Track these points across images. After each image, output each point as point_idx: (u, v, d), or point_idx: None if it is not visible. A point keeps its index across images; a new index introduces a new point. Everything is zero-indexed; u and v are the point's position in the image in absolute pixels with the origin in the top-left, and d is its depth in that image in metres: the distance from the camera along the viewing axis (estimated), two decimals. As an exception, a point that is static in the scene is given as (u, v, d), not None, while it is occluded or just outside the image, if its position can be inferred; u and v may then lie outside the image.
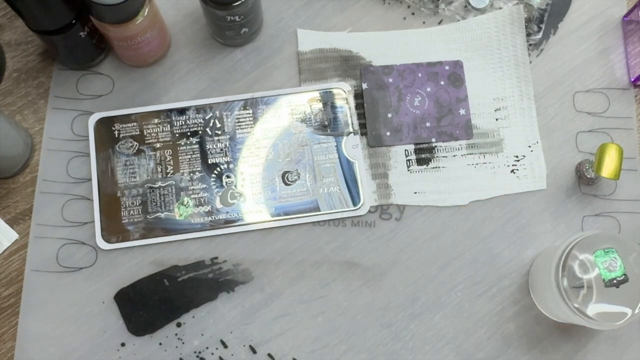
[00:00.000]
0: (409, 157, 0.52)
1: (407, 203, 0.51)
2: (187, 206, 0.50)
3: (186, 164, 0.51)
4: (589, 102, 0.53)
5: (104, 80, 0.53)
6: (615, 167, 0.48)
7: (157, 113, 0.51)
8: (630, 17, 0.54)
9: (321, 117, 0.52)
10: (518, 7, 0.54)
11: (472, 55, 0.54)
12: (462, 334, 0.49)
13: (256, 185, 0.50)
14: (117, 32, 0.47)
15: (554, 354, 0.49)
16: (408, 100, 0.52)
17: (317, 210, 0.50)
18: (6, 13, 0.54)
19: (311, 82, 0.53)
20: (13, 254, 0.49)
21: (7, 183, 0.51)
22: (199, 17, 0.54)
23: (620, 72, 0.54)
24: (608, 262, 0.42)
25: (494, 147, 0.52)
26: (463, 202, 0.51)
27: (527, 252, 0.50)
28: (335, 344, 0.49)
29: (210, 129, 0.51)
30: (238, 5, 0.47)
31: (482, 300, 0.49)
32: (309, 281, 0.49)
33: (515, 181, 0.51)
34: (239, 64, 0.53)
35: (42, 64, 0.53)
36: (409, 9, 0.55)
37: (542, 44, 0.54)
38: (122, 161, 0.50)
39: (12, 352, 0.48)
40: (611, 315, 0.42)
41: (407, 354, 0.49)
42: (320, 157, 0.51)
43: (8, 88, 0.53)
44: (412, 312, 0.49)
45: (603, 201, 0.51)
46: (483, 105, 0.53)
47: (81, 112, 0.52)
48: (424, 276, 0.50)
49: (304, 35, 0.54)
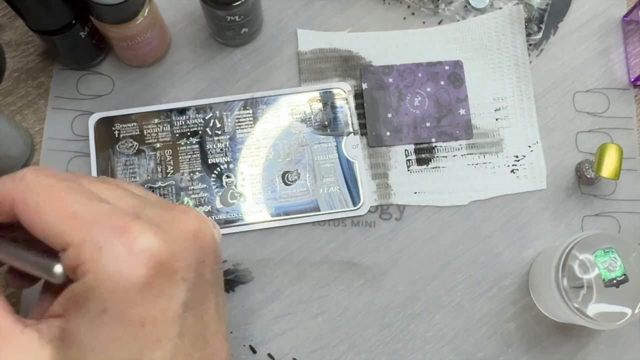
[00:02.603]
0: (409, 157, 0.52)
1: (407, 203, 0.51)
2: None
3: (186, 164, 0.51)
4: (589, 102, 0.53)
5: (104, 80, 0.53)
6: (615, 167, 0.48)
7: (157, 113, 0.51)
8: (630, 17, 0.54)
9: (321, 117, 0.52)
10: (518, 7, 0.54)
11: (472, 55, 0.54)
12: (462, 334, 0.49)
13: (256, 185, 0.50)
14: (117, 32, 0.47)
15: (554, 354, 0.49)
16: (408, 100, 0.53)
17: (317, 210, 0.50)
18: (6, 13, 0.54)
19: (311, 82, 0.53)
20: (13, 254, 0.49)
21: (7, 183, 0.51)
22: (199, 17, 0.54)
23: (620, 72, 0.54)
24: (608, 262, 0.42)
25: (494, 147, 0.52)
26: (463, 202, 0.51)
27: (527, 252, 0.50)
28: (335, 344, 0.49)
29: (210, 129, 0.51)
30: (238, 5, 0.47)
31: (482, 300, 0.49)
32: (309, 281, 0.49)
33: (515, 181, 0.51)
34: (239, 64, 0.53)
35: (42, 64, 0.53)
36: (409, 9, 0.55)
37: (542, 44, 0.54)
38: (122, 161, 0.50)
39: (12, 352, 0.48)
40: (611, 315, 0.42)
41: (407, 354, 0.49)
42: (320, 157, 0.51)
43: (8, 88, 0.53)
44: (412, 312, 0.49)
45: (603, 201, 0.51)
46: (483, 105, 0.53)
47: (81, 112, 0.52)
48: (424, 276, 0.50)
49: (304, 35, 0.54)
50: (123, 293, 0.29)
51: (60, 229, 0.29)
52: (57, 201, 0.30)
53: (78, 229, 0.29)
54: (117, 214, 0.30)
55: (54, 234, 0.29)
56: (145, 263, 0.29)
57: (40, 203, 0.30)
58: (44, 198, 0.30)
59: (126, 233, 0.29)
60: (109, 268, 0.28)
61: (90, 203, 0.30)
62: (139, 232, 0.29)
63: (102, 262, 0.29)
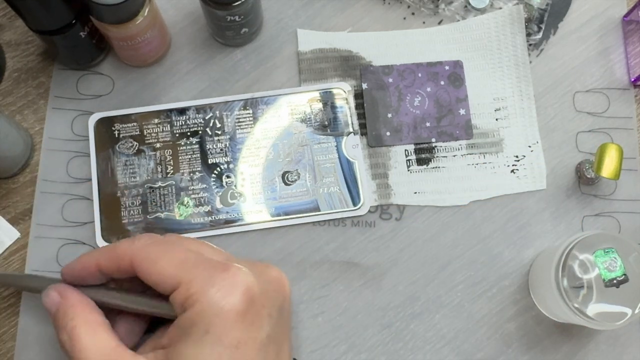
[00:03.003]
0: (409, 157, 0.52)
1: (407, 203, 0.51)
2: (187, 206, 0.50)
3: (186, 164, 0.51)
4: (589, 102, 0.53)
5: (104, 80, 0.53)
6: (615, 167, 0.48)
7: (157, 113, 0.51)
8: (630, 17, 0.54)
9: (321, 117, 0.52)
10: (518, 7, 0.54)
11: (472, 55, 0.54)
12: (462, 334, 0.49)
13: (256, 185, 0.50)
14: (117, 32, 0.47)
15: (554, 354, 0.49)
16: (408, 100, 0.53)
17: (317, 210, 0.50)
18: (6, 13, 0.54)
19: (311, 82, 0.53)
20: (13, 254, 0.49)
21: (7, 183, 0.51)
22: (199, 17, 0.54)
23: (620, 72, 0.54)
24: (608, 262, 0.42)
25: (494, 147, 0.52)
26: (463, 202, 0.51)
27: (527, 252, 0.50)
28: (335, 344, 0.49)
29: (210, 129, 0.51)
30: (238, 5, 0.47)
31: (482, 300, 0.49)
32: (309, 281, 0.49)
33: (515, 181, 0.51)
34: (239, 64, 0.53)
35: (42, 64, 0.53)
36: (409, 9, 0.55)
37: (542, 44, 0.54)
38: (122, 161, 0.50)
39: (12, 352, 0.48)
40: (611, 315, 0.42)
41: (407, 354, 0.49)
42: (320, 157, 0.51)
43: (8, 88, 0.53)
44: (412, 312, 0.49)
45: (603, 201, 0.51)
46: (483, 105, 0.53)
47: (81, 112, 0.52)
48: (424, 276, 0.50)
49: (304, 35, 0.54)
50: (224, 317, 0.34)
51: (173, 272, 0.36)
52: (168, 253, 0.37)
53: (187, 270, 0.36)
54: (217, 259, 0.37)
55: (167, 278, 0.36)
56: (243, 294, 0.35)
57: (154, 257, 0.37)
58: (157, 252, 0.37)
59: (227, 270, 0.36)
60: (214, 296, 0.35)
61: (193, 253, 0.38)
62: (237, 269, 0.36)
63: (209, 291, 0.35)
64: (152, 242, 0.38)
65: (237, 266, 0.36)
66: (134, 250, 0.38)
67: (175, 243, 0.39)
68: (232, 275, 0.36)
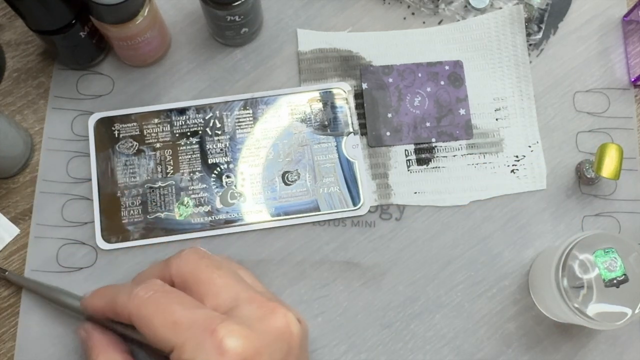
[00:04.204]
0: (409, 157, 0.52)
1: (407, 203, 0.51)
2: (187, 206, 0.50)
3: (186, 164, 0.51)
4: (589, 102, 0.53)
5: (104, 80, 0.53)
6: (615, 167, 0.48)
7: (157, 113, 0.51)
8: (630, 17, 0.54)
9: (321, 117, 0.52)
10: (518, 7, 0.54)
11: (472, 55, 0.54)
12: (462, 334, 0.49)
13: (256, 185, 0.50)
14: (117, 32, 0.47)
15: (554, 354, 0.49)
16: (408, 100, 0.53)
17: (317, 210, 0.50)
18: (6, 13, 0.54)
19: (311, 82, 0.53)
20: (13, 254, 0.49)
21: (7, 183, 0.51)
22: (199, 17, 0.54)
23: (620, 72, 0.54)
24: (608, 262, 0.42)
25: (494, 147, 0.52)
26: (463, 202, 0.51)
27: (527, 252, 0.50)
28: (335, 344, 0.49)
29: (210, 129, 0.51)
30: (238, 5, 0.47)
31: (482, 300, 0.49)
32: (308, 281, 0.49)
33: (515, 181, 0.51)
34: (239, 64, 0.53)
35: (42, 64, 0.53)
36: (409, 9, 0.55)
37: (542, 44, 0.54)
38: (122, 161, 0.50)
39: (12, 352, 0.48)
40: (611, 315, 0.42)
41: (407, 354, 0.49)
42: (320, 157, 0.51)
43: (8, 88, 0.53)
44: (412, 312, 0.49)
45: (603, 201, 0.51)
46: (483, 105, 0.53)
47: (81, 112, 0.52)
48: (424, 276, 0.50)
49: (304, 35, 0.54)
50: None
51: (166, 336, 0.37)
52: (161, 313, 0.37)
53: (179, 334, 0.36)
54: (210, 317, 0.37)
55: (160, 340, 0.37)
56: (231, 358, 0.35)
57: (150, 316, 0.37)
58: (151, 311, 0.38)
59: (214, 334, 0.35)
60: None
61: (188, 310, 0.37)
62: (226, 332, 0.35)
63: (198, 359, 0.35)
64: (149, 297, 0.38)
65: (227, 327, 0.36)
66: (131, 308, 0.38)
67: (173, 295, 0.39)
68: (220, 339, 0.35)
